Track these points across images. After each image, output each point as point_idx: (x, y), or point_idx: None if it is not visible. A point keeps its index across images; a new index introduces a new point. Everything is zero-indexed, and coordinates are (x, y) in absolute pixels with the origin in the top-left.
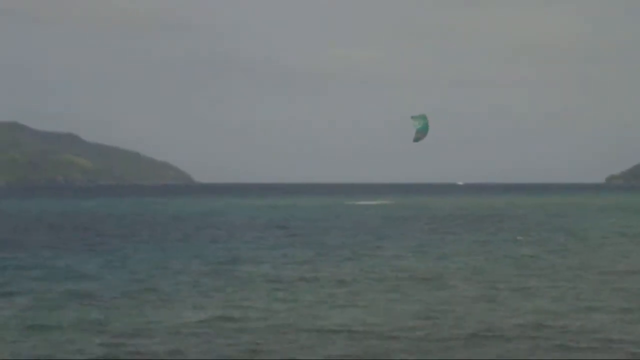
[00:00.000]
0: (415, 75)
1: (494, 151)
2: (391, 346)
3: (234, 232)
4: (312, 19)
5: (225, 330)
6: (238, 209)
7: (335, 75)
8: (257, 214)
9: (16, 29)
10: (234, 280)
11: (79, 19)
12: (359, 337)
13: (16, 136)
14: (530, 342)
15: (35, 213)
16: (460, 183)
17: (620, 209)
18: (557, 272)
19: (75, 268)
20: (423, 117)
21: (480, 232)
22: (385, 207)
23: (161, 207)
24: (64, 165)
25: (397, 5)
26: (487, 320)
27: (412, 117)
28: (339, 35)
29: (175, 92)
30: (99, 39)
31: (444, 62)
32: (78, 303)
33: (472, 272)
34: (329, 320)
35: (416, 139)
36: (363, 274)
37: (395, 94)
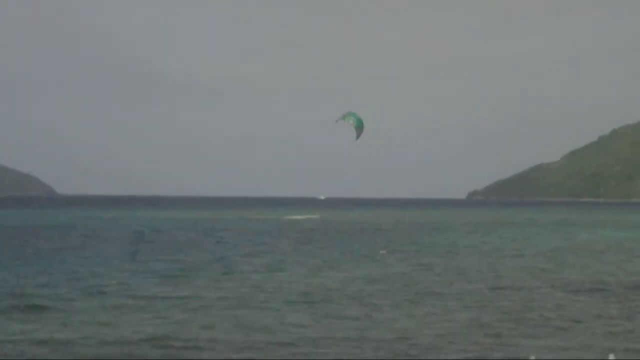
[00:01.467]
0: (292, 87)
1: (357, 165)
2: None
3: (99, 245)
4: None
5: (89, 345)
6: (103, 222)
7: (217, 89)
8: (122, 226)
9: None
10: (94, 295)
11: None
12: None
13: None
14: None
15: None
16: (322, 197)
17: (483, 223)
18: (416, 287)
19: None
20: (351, 114)
21: (343, 246)
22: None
23: (19, 219)
24: None
25: (282, 19)
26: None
27: (340, 120)
28: (230, 49)
29: (41, 100)
30: None
31: (322, 75)
32: None
33: (330, 288)
34: (196, 334)
35: (358, 136)
36: (218, 290)
37: (269, 107)
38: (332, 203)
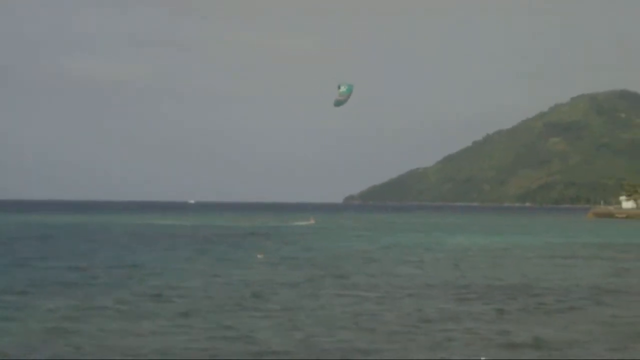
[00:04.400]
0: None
1: (229, 169)
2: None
3: None
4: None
5: None
6: None
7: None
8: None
9: None
10: None
11: None
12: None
13: None
14: None
15: None
16: (192, 201)
17: (361, 229)
18: (285, 293)
19: None
20: (345, 85)
21: (221, 250)
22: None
23: None
24: None
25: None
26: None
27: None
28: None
29: None
30: None
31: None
32: None
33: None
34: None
35: (338, 103)
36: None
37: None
38: (204, 207)
